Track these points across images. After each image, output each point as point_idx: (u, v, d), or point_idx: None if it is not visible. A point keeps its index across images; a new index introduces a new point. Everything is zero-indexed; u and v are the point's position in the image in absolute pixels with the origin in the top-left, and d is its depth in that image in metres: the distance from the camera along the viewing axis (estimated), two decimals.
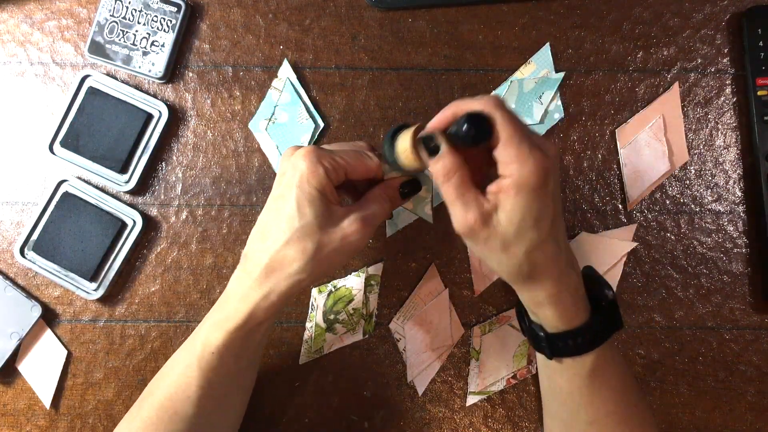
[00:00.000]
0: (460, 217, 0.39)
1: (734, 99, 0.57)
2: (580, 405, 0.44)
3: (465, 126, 0.37)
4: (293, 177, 0.41)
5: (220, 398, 0.45)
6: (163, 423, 0.43)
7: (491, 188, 0.39)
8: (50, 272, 0.54)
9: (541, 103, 0.56)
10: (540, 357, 0.46)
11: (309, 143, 0.56)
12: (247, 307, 0.41)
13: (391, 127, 0.42)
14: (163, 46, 0.55)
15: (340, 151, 0.42)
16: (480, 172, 0.41)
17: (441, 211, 0.56)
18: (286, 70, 0.56)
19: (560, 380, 0.44)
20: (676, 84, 0.56)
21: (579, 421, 0.44)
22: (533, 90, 0.56)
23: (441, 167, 0.39)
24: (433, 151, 0.39)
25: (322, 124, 0.56)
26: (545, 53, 0.56)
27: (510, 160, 0.37)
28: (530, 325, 0.44)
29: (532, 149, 0.37)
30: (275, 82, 0.56)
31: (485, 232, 0.38)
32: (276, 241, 0.40)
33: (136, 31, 0.55)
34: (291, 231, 0.40)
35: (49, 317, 0.55)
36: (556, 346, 0.42)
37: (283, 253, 0.40)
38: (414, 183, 0.45)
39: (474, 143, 0.38)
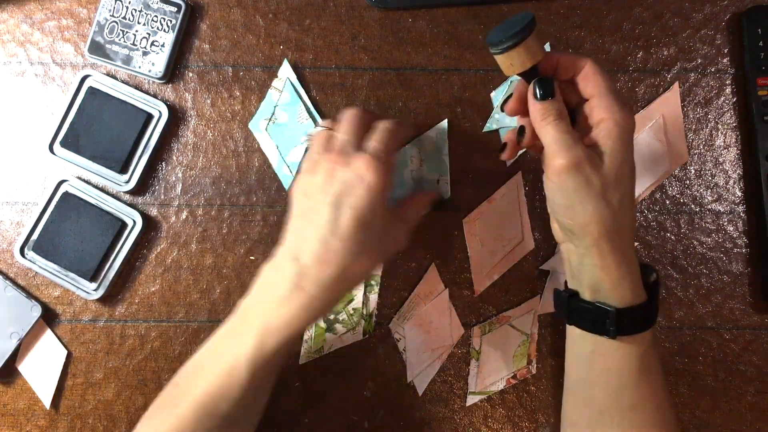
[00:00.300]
0: (569, 148, 0.40)
1: (734, 99, 0.57)
2: (626, 387, 0.44)
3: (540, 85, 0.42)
4: (366, 187, 0.41)
5: (257, 399, 0.45)
6: (201, 423, 0.42)
7: (587, 139, 0.41)
8: (50, 272, 0.54)
9: None
10: (584, 342, 0.45)
11: None
12: (311, 315, 0.41)
13: (528, 20, 0.41)
14: (163, 46, 0.55)
15: (379, 144, 0.43)
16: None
17: (440, 211, 0.56)
18: (286, 70, 0.56)
19: (610, 362, 0.44)
20: (676, 84, 0.56)
21: (619, 406, 0.44)
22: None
23: (556, 108, 0.41)
24: (547, 95, 0.42)
25: None
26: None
27: (608, 105, 0.41)
28: (594, 305, 0.43)
29: (623, 101, 0.41)
30: (275, 82, 0.56)
31: (589, 169, 0.40)
32: (352, 250, 0.41)
33: (136, 31, 0.55)
34: (366, 240, 0.41)
35: (49, 317, 0.55)
36: (622, 323, 0.42)
37: (357, 262, 0.41)
38: (442, 200, 0.52)
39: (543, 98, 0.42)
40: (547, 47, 0.56)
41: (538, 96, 0.42)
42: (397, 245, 0.45)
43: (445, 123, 0.55)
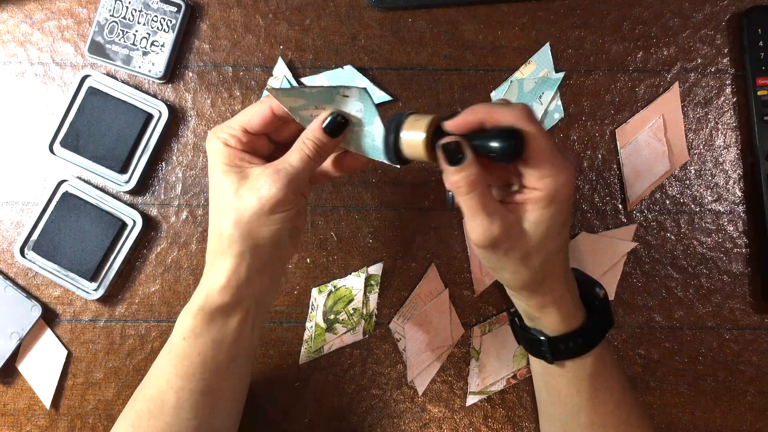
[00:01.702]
0: (485, 228, 0.37)
1: (734, 99, 0.57)
2: (580, 407, 0.44)
3: (500, 143, 0.35)
4: (210, 161, 0.42)
5: (203, 393, 0.43)
6: (152, 414, 0.43)
7: (515, 198, 0.39)
8: (50, 272, 0.54)
9: (541, 103, 0.56)
10: (536, 363, 0.46)
11: None
12: (204, 290, 0.42)
13: (395, 115, 0.39)
14: (163, 46, 0.55)
15: (236, 116, 0.42)
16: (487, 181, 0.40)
17: (440, 211, 0.56)
18: (281, 69, 0.56)
19: (559, 384, 0.44)
20: (676, 84, 0.56)
21: (578, 424, 0.44)
22: (533, 90, 0.56)
23: (465, 178, 0.37)
24: (455, 160, 0.37)
25: None
26: (545, 53, 0.56)
27: (543, 175, 0.37)
28: (529, 332, 0.44)
29: (563, 162, 0.37)
30: (271, 81, 0.56)
31: (508, 243, 0.38)
32: (214, 223, 0.41)
33: (136, 31, 0.55)
34: (219, 209, 0.41)
35: (49, 317, 0.55)
36: (558, 349, 0.42)
37: (219, 232, 0.41)
38: (336, 120, 0.40)
39: (508, 161, 0.36)
40: (547, 47, 0.56)
41: (446, 160, 0.37)
42: (270, 192, 0.39)
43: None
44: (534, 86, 0.56)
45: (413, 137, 0.37)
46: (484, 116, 0.37)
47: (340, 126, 0.40)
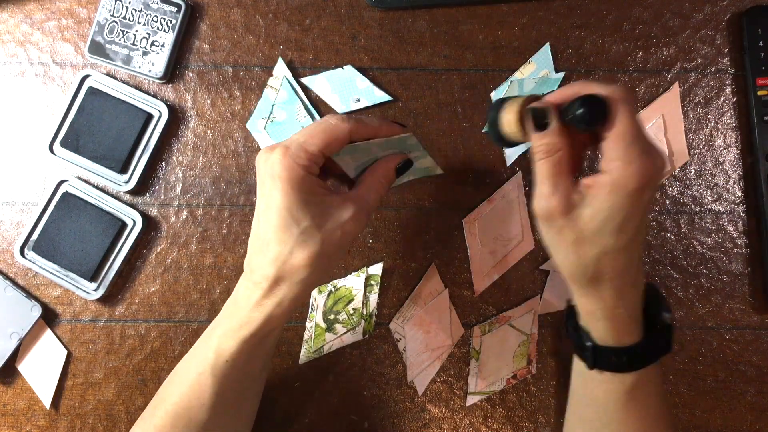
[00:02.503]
0: (545, 197, 0.37)
1: (734, 99, 0.57)
2: (611, 419, 0.43)
3: (581, 106, 0.35)
4: (275, 186, 0.38)
5: (233, 404, 0.45)
6: (177, 429, 0.43)
7: (586, 181, 0.37)
8: (50, 272, 0.54)
9: None
10: (578, 362, 0.45)
11: None
12: (262, 316, 0.41)
13: (498, 99, 0.41)
14: (163, 46, 0.55)
15: (308, 137, 0.39)
16: (578, 164, 0.40)
17: (440, 211, 0.56)
18: (281, 69, 0.56)
19: (596, 390, 0.43)
20: (676, 84, 0.56)
21: (609, 430, 0.43)
22: (533, 90, 0.56)
23: (545, 143, 0.37)
24: (541, 126, 0.37)
25: None
26: (545, 53, 0.56)
27: (615, 157, 0.36)
28: (578, 331, 0.43)
29: (643, 153, 0.36)
30: (271, 81, 0.56)
31: (563, 220, 0.37)
32: (280, 252, 0.39)
33: (136, 31, 0.55)
34: (292, 239, 0.39)
35: (49, 317, 0.55)
36: (601, 359, 0.41)
37: (289, 263, 0.39)
38: (407, 162, 0.44)
39: (586, 126, 0.36)
40: (547, 47, 0.56)
41: (532, 126, 0.38)
42: (353, 228, 0.40)
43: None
44: (534, 86, 0.56)
45: (510, 110, 0.39)
46: (579, 88, 0.37)
47: (408, 166, 0.44)
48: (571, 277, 0.40)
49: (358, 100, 0.56)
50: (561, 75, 0.56)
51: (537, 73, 0.56)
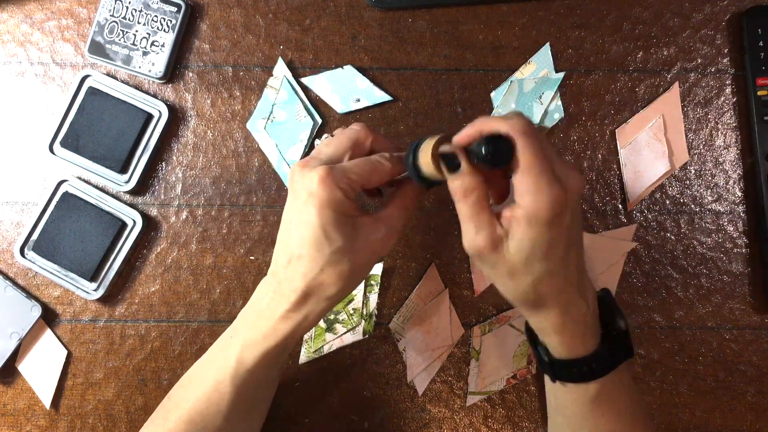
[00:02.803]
0: (471, 237, 0.38)
1: (734, 99, 0.57)
2: (584, 426, 0.43)
3: (484, 148, 0.36)
4: (312, 203, 0.39)
5: (247, 411, 0.45)
6: None
7: (505, 213, 0.38)
8: (50, 272, 0.54)
9: (541, 104, 0.56)
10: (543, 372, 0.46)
11: (308, 140, 0.56)
12: (288, 328, 0.41)
13: (416, 140, 0.41)
14: (163, 46, 0.55)
15: (353, 166, 0.40)
16: (501, 193, 0.41)
17: (440, 211, 0.56)
18: (281, 69, 0.56)
19: (564, 400, 0.44)
20: (676, 84, 0.56)
21: None
22: (533, 90, 0.56)
23: (459, 185, 0.38)
24: (453, 168, 0.38)
25: (320, 121, 0.56)
26: (545, 53, 0.56)
27: (525, 191, 0.36)
28: (536, 346, 0.44)
29: (551, 182, 0.36)
30: (271, 81, 0.56)
31: (493, 256, 0.38)
32: (311, 268, 0.40)
33: (136, 31, 0.55)
34: (324, 258, 0.39)
35: (49, 317, 0.55)
36: (560, 372, 0.42)
37: (319, 279, 0.40)
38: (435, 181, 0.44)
39: (492, 166, 0.37)
40: (547, 47, 0.56)
41: (445, 170, 0.39)
42: (383, 248, 0.41)
43: None
44: (534, 86, 0.56)
45: (424, 154, 0.39)
46: (480, 126, 0.37)
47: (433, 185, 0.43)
48: (515, 302, 0.41)
49: (358, 100, 0.56)
50: (561, 75, 0.56)
51: (537, 73, 0.56)
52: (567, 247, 0.38)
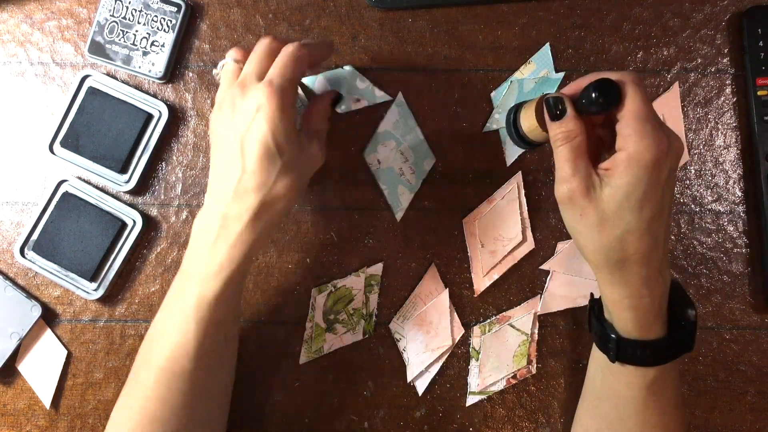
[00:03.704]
0: (566, 180, 0.39)
1: (734, 99, 0.57)
2: (632, 412, 0.43)
3: (594, 90, 0.38)
4: (263, 117, 0.41)
5: (216, 352, 0.45)
6: (167, 385, 0.43)
7: (603, 165, 0.39)
8: (50, 272, 0.54)
9: None
10: (599, 356, 0.45)
11: None
12: (245, 251, 0.41)
13: (513, 105, 0.44)
14: (163, 46, 0.55)
15: (281, 70, 0.42)
16: (595, 156, 0.41)
17: (440, 211, 0.56)
18: None
19: (617, 384, 0.43)
20: (676, 84, 0.56)
21: (625, 427, 0.44)
22: (533, 90, 0.56)
23: (563, 130, 0.39)
24: (556, 114, 0.40)
25: None
26: (545, 53, 0.56)
27: (629, 133, 0.37)
28: (603, 324, 0.43)
29: (656, 128, 0.37)
30: None
31: (584, 201, 0.38)
32: (263, 182, 0.41)
33: (136, 31, 0.55)
34: (276, 169, 0.41)
35: (49, 317, 0.55)
36: (624, 352, 0.41)
37: (273, 192, 0.41)
38: (338, 96, 0.52)
39: (600, 108, 0.38)
40: (547, 47, 0.56)
41: (549, 116, 0.41)
42: (317, 160, 0.46)
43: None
44: (534, 86, 0.56)
45: (528, 109, 0.42)
46: (592, 77, 0.39)
47: (339, 99, 0.52)
48: (596, 260, 0.40)
49: (358, 100, 0.56)
50: (561, 75, 0.56)
51: (537, 73, 0.56)
52: (660, 205, 0.38)
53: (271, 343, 0.56)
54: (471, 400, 0.55)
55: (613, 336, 0.42)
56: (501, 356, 0.55)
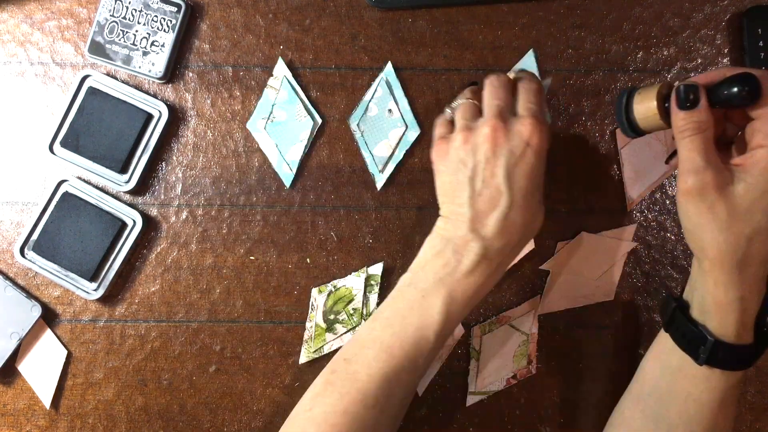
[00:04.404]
0: (698, 171, 0.37)
1: None
2: (703, 415, 0.42)
3: (737, 84, 0.37)
4: (531, 152, 0.41)
5: (429, 366, 0.46)
6: (383, 392, 0.42)
7: (736, 161, 0.38)
8: (50, 272, 0.54)
9: None
10: (668, 357, 0.44)
11: (308, 140, 0.56)
12: (494, 282, 0.43)
13: (624, 90, 0.43)
14: (163, 46, 0.55)
15: (530, 102, 0.43)
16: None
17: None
18: (281, 69, 0.56)
19: (693, 388, 0.42)
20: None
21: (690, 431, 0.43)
22: None
23: (695, 120, 0.38)
24: (688, 103, 0.38)
25: (320, 121, 0.56)
26: (530, 60, 0.56)
27: None
28: (696, 325, 0.41)
29: None
30: (271, 81, 0.56)
31: (715, 195, 0.37)
32: (526, 216, 0.42)
33: (136, 31, 0.55)
34: (536, 205, 0.42)
35: (49, 317, 0.55)
36: (716, 355, 0.40)
37: (534, 224, 0.43)
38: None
39: (741, 102, 0.37)
40: (531, 54, 0.56)
41: (678, 104, 0.39)
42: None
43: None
44: None
45: (647, 97, 0.41)
46: (726, 71, 0.39)
47: None
48: (719, 258, 0.39)
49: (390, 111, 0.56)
50: (549, 81, 0.56)
51: None
52: None
53: (271, 343, 0.56)
54: (471, 400, 0.55)
55: (710, 339, 0.40)
56: (501, 356, 0.55)
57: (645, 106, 0.40)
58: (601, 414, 0.53)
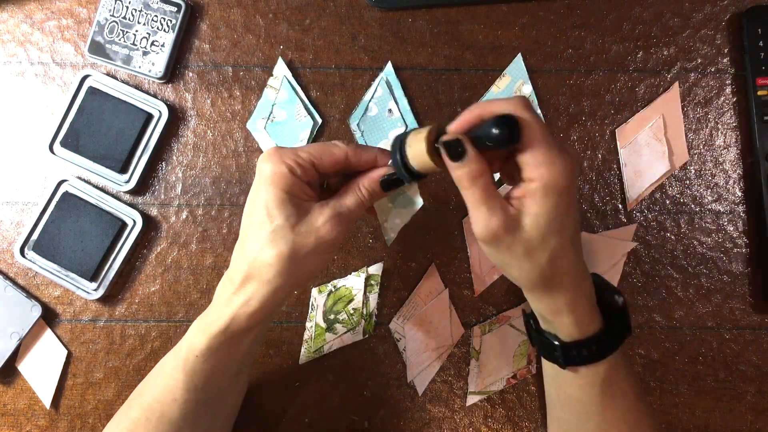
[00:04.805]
0: (485, 221, 0.38)
1: (734, 99, 0.57)
2: (591, 413, 0.43)
3: (496, 128, 0.36)
4: (260, 181, 0.40)
5: (207, 403, 0.45)
6: (150, 423, 0.43)
7: (515, 193, 0.38)
8: (50, 272, 0.54)
9: None
10: (548, 366, 0.46)
11: (308, 140, 0.56)
12: (229, 312, 0.41)
13: (398, 134, 0.41)
14: (163, 46, 0.55)
15: (305, 147, 0.41)
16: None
17: (440, 211, 0.56)
18: (281, 69, 0.56)
19: (571, 389, 0.44)
20: (676, 84, 0.56)
21: (587, 428, 0.44)
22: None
23: (467, 172, 0.37)
24: (456, 156, 0.37)
25: (320, 121, 0.56)
26: (518, 64, 0.56)
27: (539, 163, 0.36)
28: (543, 335, 0.44)
29: (562, 152, 0.37)
30: (271, 81, 0.56)
31: (509, 237, 0.38)
32: (252, 248, 0.40)
33: (136, 31, 0.55)
34: (264, 236, 0.39)
35: (49, 317, 0.55)
36: (571, 355, 0.42)
37: (259, 259, 0.39)
38: (394, 178, 0.42)
39: (504, 146, 0.37)
40: (519, 58, 0.56)
41: (449, 157, 0.38)
42: (329, 237, 0.40)
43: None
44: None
45: (417, 147, 0.39)
46: (481, 111, 0.38)
47: (395, 184, 0.42)
48: (530, 285, 0.41)
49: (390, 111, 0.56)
50: (530, 90, 0.56)
51: (512, 85, 0.56)
52: (575, 219, 0.39)
53: (271, 343, 0.56)
54: (471, 400, 0.55)
55: (556, 343, 0.42)
56: (501, 356, 0.55)
57: (417, 152, 0.39)
58: None
